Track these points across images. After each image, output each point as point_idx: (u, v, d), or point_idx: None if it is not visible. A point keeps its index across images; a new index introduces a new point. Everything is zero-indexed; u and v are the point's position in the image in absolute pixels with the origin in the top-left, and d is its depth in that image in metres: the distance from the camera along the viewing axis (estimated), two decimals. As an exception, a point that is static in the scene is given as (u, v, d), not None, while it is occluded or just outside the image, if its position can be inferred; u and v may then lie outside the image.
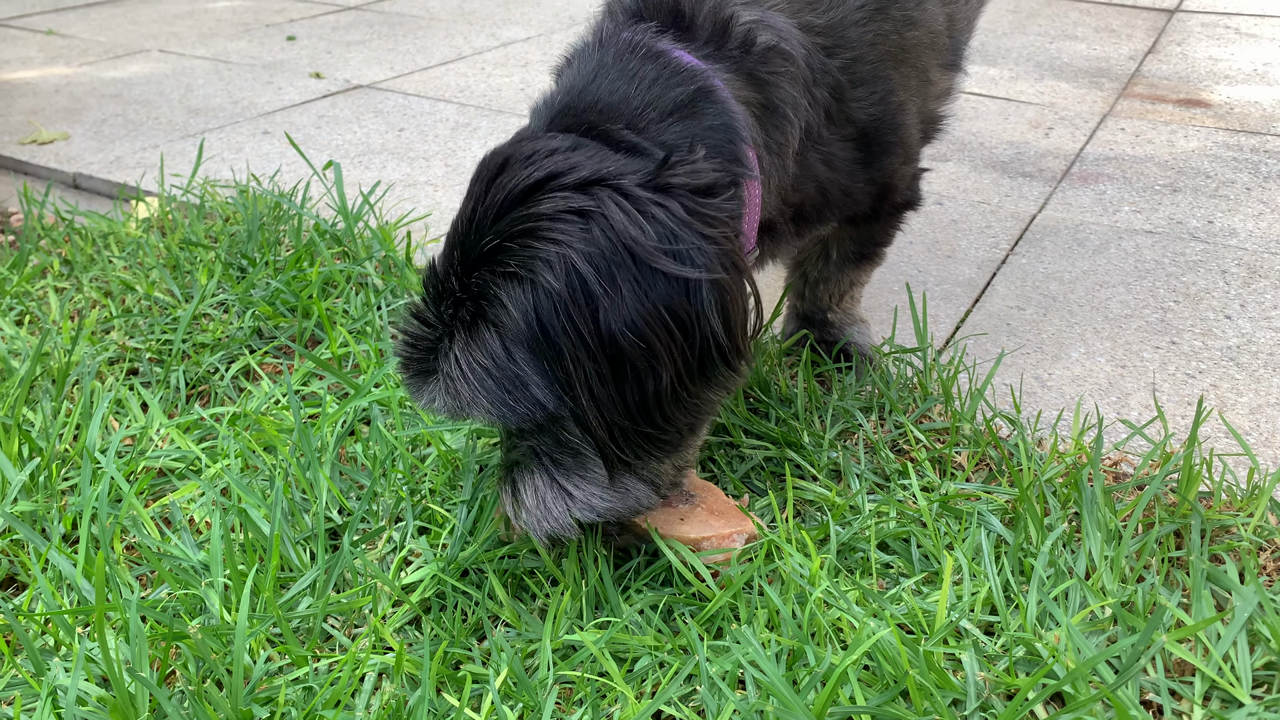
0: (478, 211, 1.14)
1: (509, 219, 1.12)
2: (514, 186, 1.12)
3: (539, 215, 1.10)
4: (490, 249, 1.12)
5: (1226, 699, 1.15)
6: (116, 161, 2.93)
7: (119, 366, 1.82)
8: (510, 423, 1.16)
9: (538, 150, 1.15)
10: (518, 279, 1.10)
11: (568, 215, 1.09)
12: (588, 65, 1.30)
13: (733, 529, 1.34)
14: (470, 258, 1.13)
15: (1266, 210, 2.54)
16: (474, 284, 1.13)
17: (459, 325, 1.14)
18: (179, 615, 1.25)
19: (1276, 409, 1.74)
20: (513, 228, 1.11)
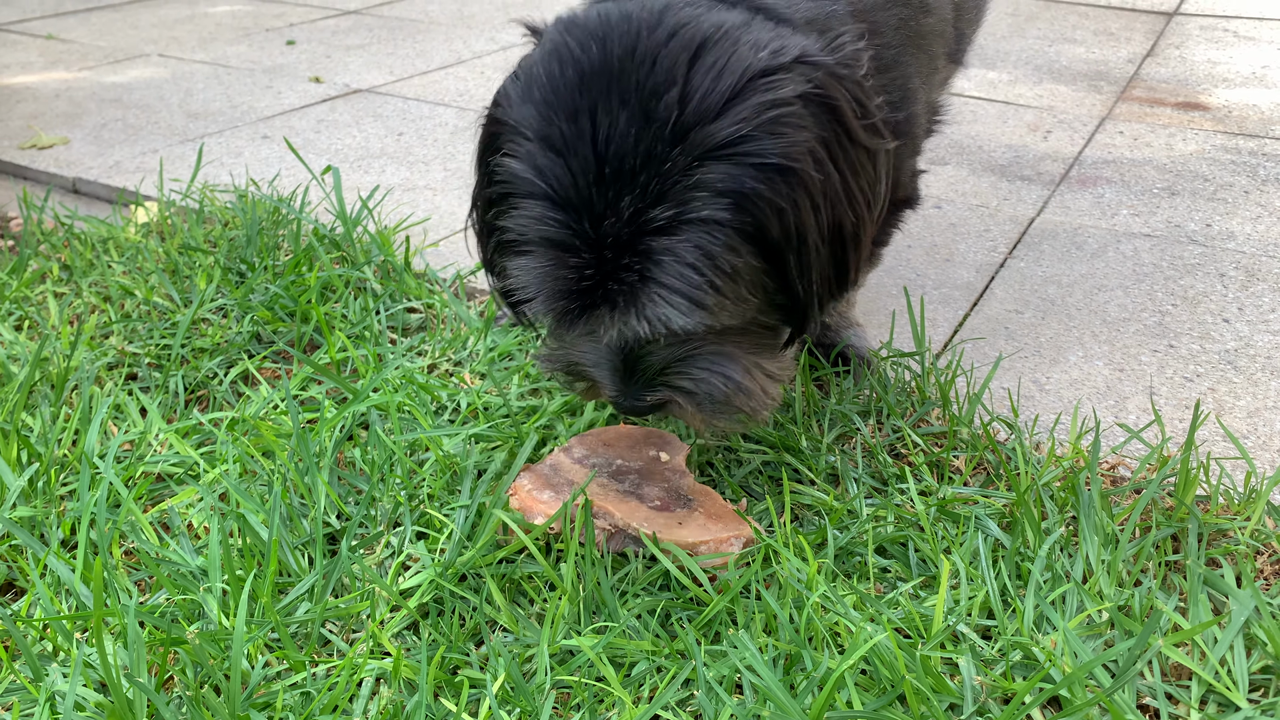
0: (693, 93, 0.99)
1: (752, 105, 1.00)
2: (743, 68, 1.00)
3: (785, 102, 1.01)
4: (736, 137, 0.99)
5: (1223, 703, 1.15)
6: (116, 166, 2.94)
7: (118, 371, 1.83)
8: (720, 322, 1.09)
9: (729, 24, 1.03)
10: (778, 171, 1.01)
11: (803, 99, 1.03)
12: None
13: (730, 533, 1.34)
14: (699, 145, 0.99)
15: (1265, 213, 2.54)
16: (705, 177, 1.00)
17: (662, 230, 1.01)
18: (177, 620, 1.25)
19: (1274, 412, 1.75)
20: (760, 116, 1.00)
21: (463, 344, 1.90)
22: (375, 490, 1.47)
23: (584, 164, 1.00)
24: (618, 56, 1.00)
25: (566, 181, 1.01)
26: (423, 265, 2.23)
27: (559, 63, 1.03)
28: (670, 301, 1.04)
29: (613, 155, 0.99)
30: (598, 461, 1.49)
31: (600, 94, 1.00)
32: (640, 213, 1.01)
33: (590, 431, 1.57)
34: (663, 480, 1.46)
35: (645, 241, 1.02)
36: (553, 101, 1.02)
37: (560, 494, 1.40)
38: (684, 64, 1.00)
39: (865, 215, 1.13)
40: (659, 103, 0.99)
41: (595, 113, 1.00)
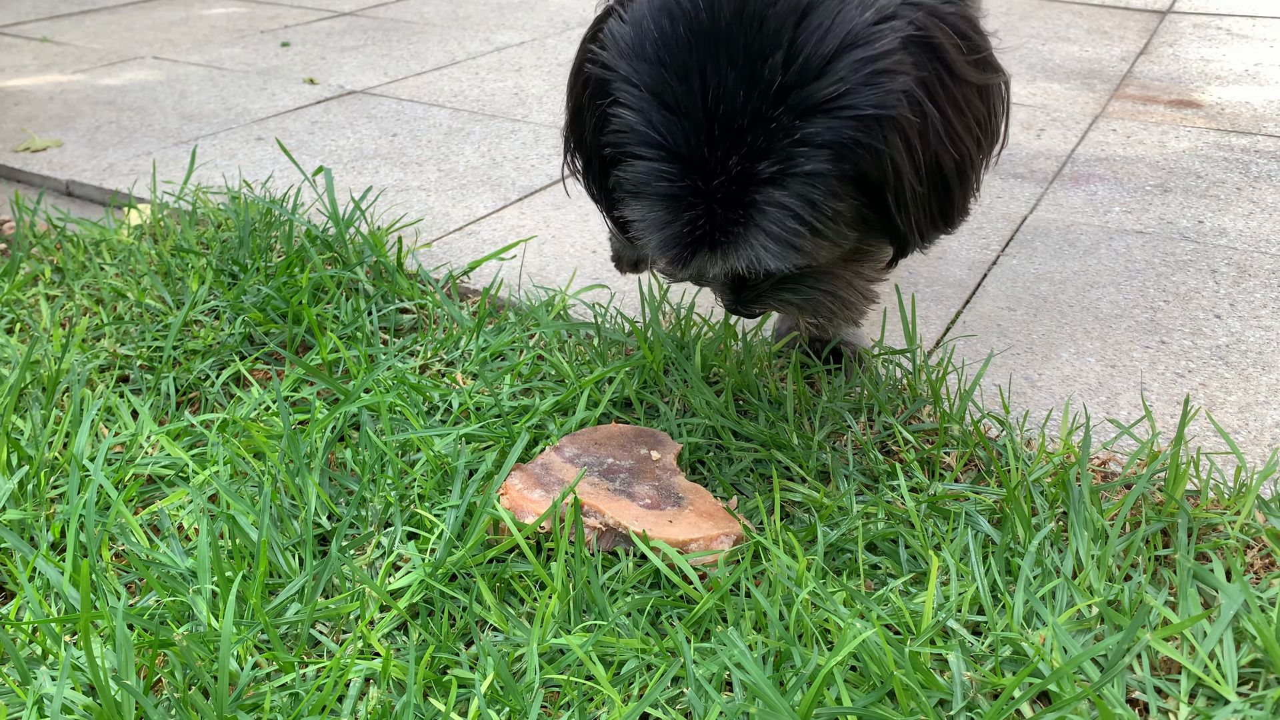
0: (798, 55, 1.04)
1: (851, 62, 1.05)
2: (846, 29, 1.05)
3: (884, 54, 1.06)
4: (836, 95, 1.05)
5: (1212, 696, 1.15)
6: (109, 169, 2.94)
7: (109, 374, 1.83)
8: (819, 259, 1.19)
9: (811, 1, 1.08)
10: (875, 120, 1.06)
11: (903, 45, 1.07)
12: None
13: (720, 530, 1.34)
14: (803, 105, 1.05)
15: (1256, 210, 2.55)
16: (809, 133, 1.06)
17: (767, 183, 1.09)
18: (166, 623, 1.25)
19: (1265, 407, 1.75)
20: (859, 71, 1.05)
21: (455, 344, 1.90)
22: (366, 491, 1.47)
23: (696, 123, 1.07)
24: (727, 17, 1.05)
25: (680, 139, 1.08)
26: (415, 266, 2.23)
27: (669, 19, 1.08)
28: (768, 247, 1.12)
29: (723, 115, 1.05)
30: (589, 460, 1.49)
31: (710, 54, 1.05)
32: (748, 169, 1.07)
33: (582, 430, 1.57)
34: (654, 478, 1.46)
35: (751, 194, 1.09)
36: (665, 59, 1.08)
37: (551, 493, 1.40)
38: (790, 26, 1.04)
39: (970, 151, 1.17)
40: (764, 65, 1.04)
41: (705, 72, 1.05)
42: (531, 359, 1.82)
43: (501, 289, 2.12)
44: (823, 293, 1.29)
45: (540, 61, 4.04)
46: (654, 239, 1.16)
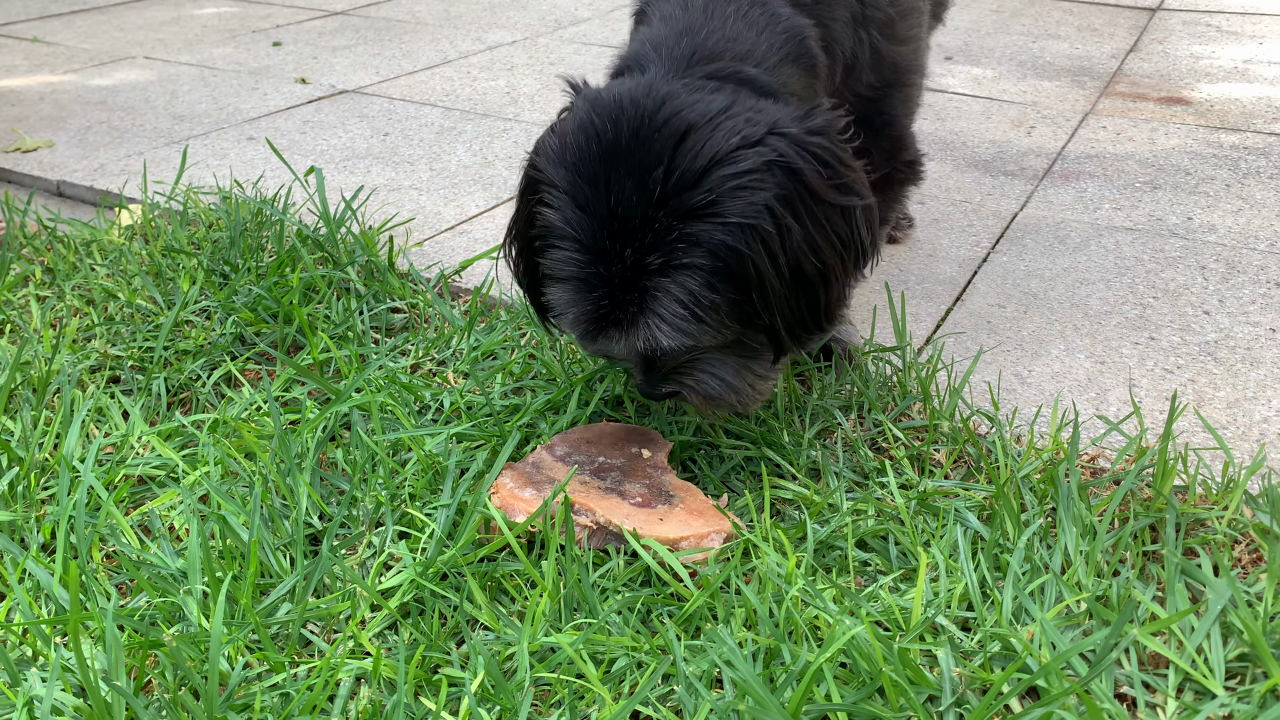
0: (675, 170, 1.25)
1: (718, 177, 1.25)
2: (714, 150, 1.26)
3: (746, 172, 1.26)
4: (705, 202, 1.25)
5: (1200, 691, 1.16)
6: (100, 169, 2.93)
7: (100, 374, 1.82)
8: (703, 343, 1.35)
9: (713, 110, 1.29)
10: (738, 227, 1.26)
11: (766, 167, 1.27)
12: (694, 8, 1.47)
13: (710, 528, 1.34)
14: (680, 209, 1.25)
15: (1245, 206, 2.56)
16: (685, 233, 1.26)
17: (655, 272, 1.27)
18: (157, 623, 1.25)
19: (1253, 403, 1.76)
20: (724, 185, 1.25)
21: (446, 343, 1.90)
22: (357, 490, 1.47)
23: (601, 220, 1.28)
24: (626, 138, 1.28)
25: (588, 232, 1.29)
26: (407, 265, 2.23)
27: (585, 137, 1.31)
28: (659, 328, 1.30)
29: (621, 214, 1.27)
30: (580, 459, 1.49)
31: (613, 166, 1.28)
32: (641, 260, 1.27)
33: (574, 429, 1.57)
34: (644, 477, 1.46)
35: (643, 281, 1.28)
36: (580, 168, 1.30)
37: (542, 491, 1.40)
38: (670, 147, 1.26)
39: (832, 262, 1.34)
40: (650, 176, 1.26)
41: (609, 180, 1.28)
42: (523, 358, 1.82)
43: (493, 288, 2.12)
44: (715, 378, 1.41)
45: (532, 60, 4.04)
46: (568, 316, 1.35)
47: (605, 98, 1.34)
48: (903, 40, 1.69)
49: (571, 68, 3.92)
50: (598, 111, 1.32)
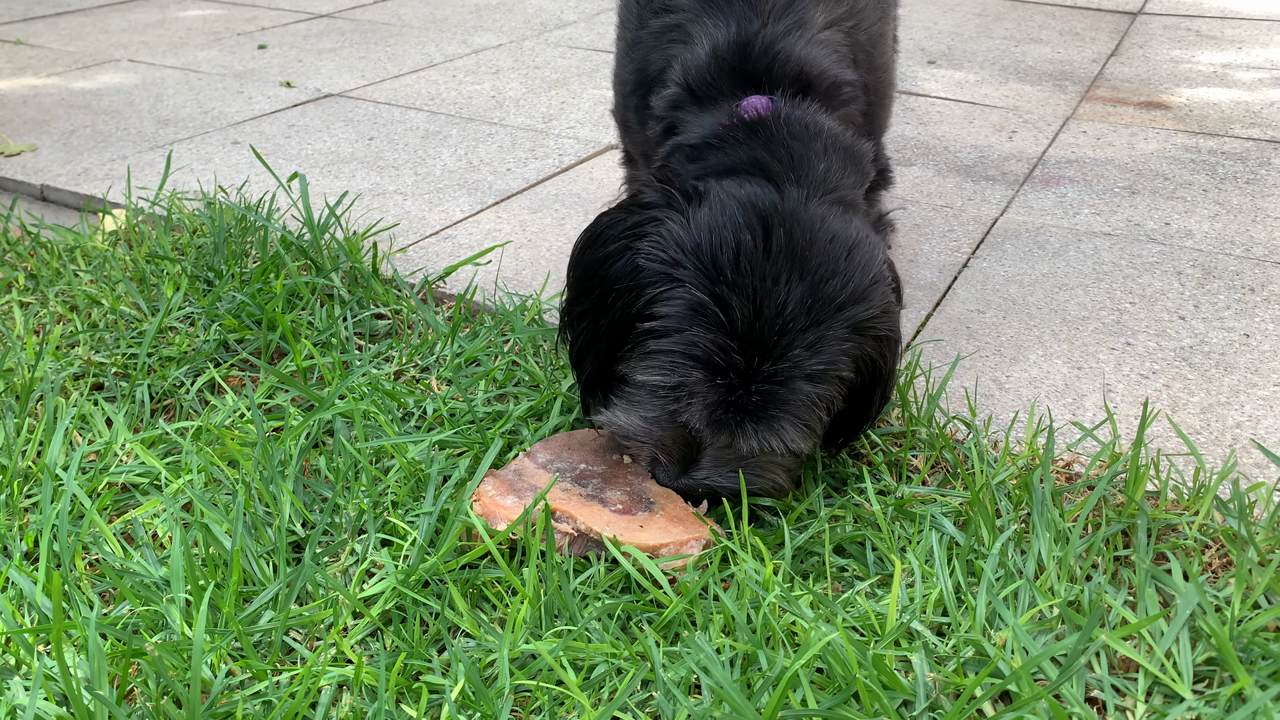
0: (849, 281, 1.34)
1: (879, 293, 1.37)
2: (875, 271, 1.37)
3: (887, 293, 1.39)
4: (869, 318, 1.35)
5: (1169, 694, 1.18)
6: (84, 173, 2.93)
7: (84, 381, 1.83)
8: (804, 448, 1.38)
9: (858, 232, 1.39)
10: (887, 341, 1.39)
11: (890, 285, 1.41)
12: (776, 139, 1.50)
13: (690, 535, 1.36)
14: (846, 318, 1.33)
15: (1222, 211, 2.59)
16: (842, 343, 1.33)
17: (796, 376, 1.32)
18: (139, 632, 1.26)
19: (1227, 408, 1.78)
20: (883, 300, 1.37)
21: (430, 350, 1.91)
22: (340, 498, 1.48)
23: (745, 310, 1.30)
24: (799, 242, 1.33)
25: (729, 319, 1.31)
26: (391, 271, 2.24)
27: (748, 230, 1.33)
28: (784, 429, 1.33)
29: (770, 314, 1.30)
30: (562, 466, 1.50)
31: (773, 265, 1.32)
32: (783, 356, 1.31)
33: (555, 436, 1.59)
34: (625, 484, 1.48)
35: (777, 382, 1.31)
36: (724, 267, 1.32)
37: (523, 499, 1.41)
38: (843, 260, 1.34)
39: (894, 362, 1.47)
40: (827, 285, 1.31)
41: (765, 279, 1.31)
42: (506, 364, 1.84)
43: (477, 294, 2.13)
44: (766, 479, 1.43)
45: (518, 64, 4.05)
46: (689, 400, 1.34)
47: (759, 197, 1.38)
48: (881, 69, 1.75)
49: (558, 72, 3.94)
50: (758, 210, 1.35)
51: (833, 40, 1.62)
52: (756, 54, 1.56)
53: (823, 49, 1.59)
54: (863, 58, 1.68)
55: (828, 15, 1.62)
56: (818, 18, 1.60)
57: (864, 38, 1.68)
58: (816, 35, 1.60)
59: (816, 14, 1.60)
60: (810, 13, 1.60)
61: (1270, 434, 1.71)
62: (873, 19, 1.72)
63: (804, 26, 1.59)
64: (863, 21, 1.68)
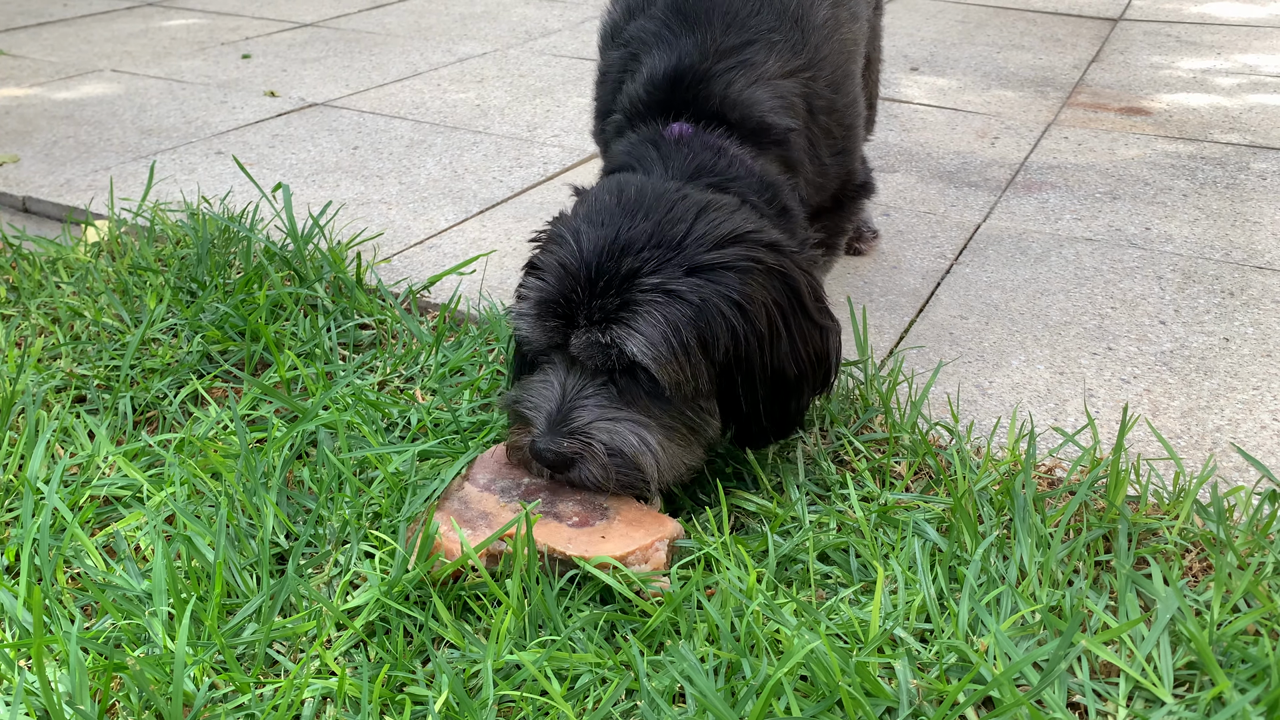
0: (695, 231, 1.39)
1: (733, 252, 1.38)
2: (734, 228, 1.41)
3: (755, 263, 1.39)
4: (717, 264, 1.37)
5: (1150, 699, 1.19)
6: (67, 184, 2.92)
7: (66, 394, 1.82)
8: (661, 381, 1.36)
9: (729, 202, 1.47)
10: (737, 305, 1.37)
11: (769, 271, 1.41)
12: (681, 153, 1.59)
13: (653, 537, 1.35)
14: (690, 261, 1.37)
15: (1202, 216, 2.61)
16: (691, 280, 1.36)
17: (647, 291, 1.35)
18: (122, 646, 1.26)
19: (1207, 412, 1.79)
20: (738, 260, 1.38)
21: (414, 360, 1.91)
22: (323, 509, 1.48)
23: (602, 237, 1.38)
24: (650, 198, 1.42)
25: (588, 240, 1.39)
26: (375, 281, 2.24)
27: (608, 194, 1.45)
28: (632, 333, 1.34)
29: (626, 240, 1.37)
30: (505, 484, 1.48)
31: (630, 214, 1.40)
32: (634, 271, 1.36)
33: (491, 450, 1.55)
34: (573, 492, 1.45)
35: (630, 293, 1.35)
36: (594, 216, 1.42)
37: (479, 532, 1.37)
38: (692, 214, 1.40)
39: (808, 374, 1.47)
40: (669, 227, 1.38)
41: (624, 221, 1.40)
42: (490, 374, 1.84)
43: (461, 303, 2.13)
44: (639, 437, 1.39)
45: (503, 72, 4.05)
46: (534, 295, 1.42)
47: (626, 178, 1.48)
48: (844, 107, 1.78)
49: (542, 80, 3.94)
50: (623, 184, 1.46)
51: (783, 87, 1.66)
52: (687, 85, 1.64)
53: (765, 92, 1.64)
54: (821, 104, 1.72)
55: (783, 64, 1.67)
56: (771, 65, 1.65)
57: (823, 85, 1.72)
58: (765, 80, 1.65)
59: (770, 61, 1.66)
60: (760, 57, 1.65)
61: (1249, 437, 1.72)
62: (836, 64, 1.76)
63: (749, 68, 1.64)
64: (823, 70, 1.72)
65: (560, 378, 1.43)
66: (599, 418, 1.40)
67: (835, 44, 1.76)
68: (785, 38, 1.68)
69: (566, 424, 1.40)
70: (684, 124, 1.62)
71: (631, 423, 1.40)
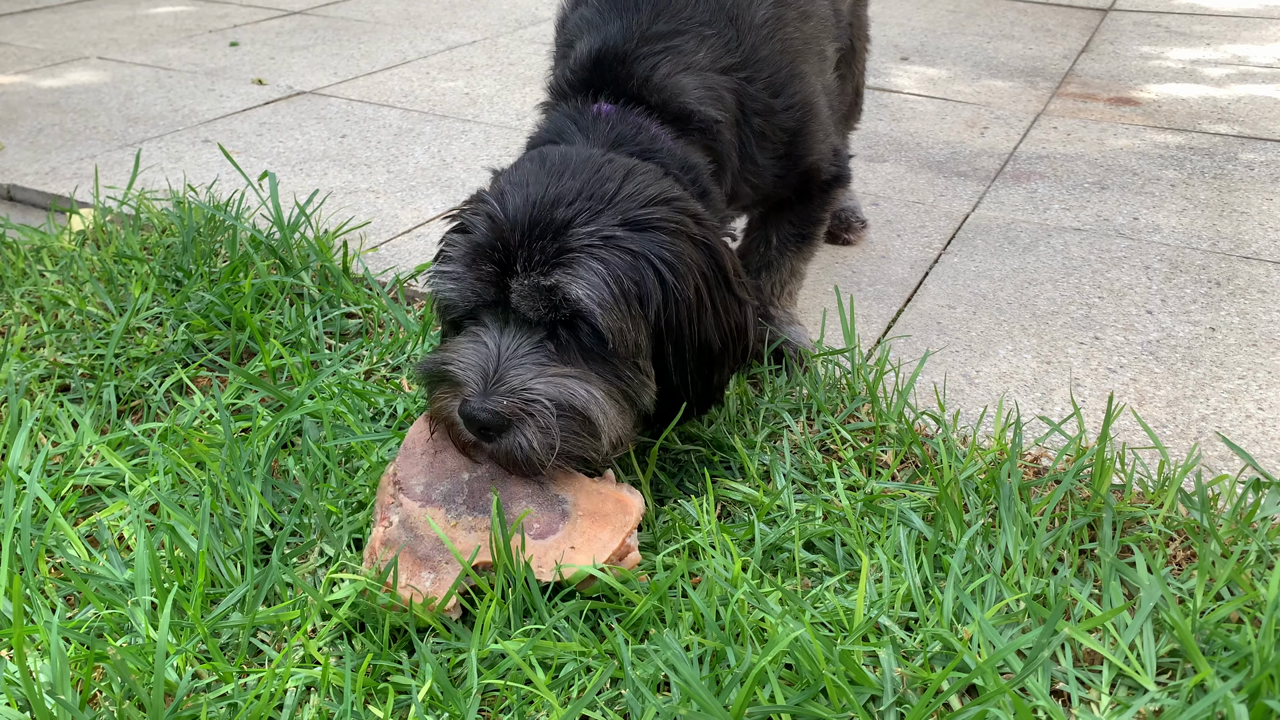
0: (624, 190, 1.38)
1: (663, 212, 1.38)
2: (660, 191, 1.41)
3: (681, 227, 1.39)
4: (651, 220, 1.36)
5: (1133, 686, 1.19)
6: (52, 172, 2.90)
7: (49, 383, 1.81)
8: (603, 324, 1.32)
9: (651, 168, 1.47)
10: (668, 265, 1.35)
11: (693, 242, 1.40)
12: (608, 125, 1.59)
13: (622, 534, 1.31)
14: (625, 216, 1.35)
15: (1189, 206, 2.61)
16: (629, 232, 1.35)
17: (588, 238, 1.33)
18: (104, 635, 1.25)
19: (1192, 401, 1.80)
20: (669, 220, 1.38)
21: (400, 349, 1.90)
22: (308, 499, 1.47)
23: (532, 194, 1.36)
24: (575, 162, 1.41)
25: (518, 197, 1.37)
26: (362, 270, 2.23)
27: (531, 162, 1.44)
28: (576, 277, 1.31)
29: (556, 196, 1.36)
30: (445, 489, 1.37)
31: (557, 175, 1.39)
32: (570, 221, 1.34)
33: (410, 439, 1.42)
34: (522, 484, 1.36)
35: (569, 241, 1.33)
36: (519, 179, 1.41)
37: (437, 568, 1.29)
38: (620, 176, 1.40)
39: (731, 348, 1.46)
40: (602, 186, 1.37)
41: (550, 181, 1.38)
42: (477, 363, 1.83)
43: (448, 292, 2.12)
44: (585, 392, 1.34)
45: (492, 61, 4.04)
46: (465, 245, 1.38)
47: (548, 149, 1.47)
48: (799, 105, 1.75)
49: (531, 68, 3.92)
50: (545, 152, 1.45)
51: (712, 80, 1.65)
52: (608, 65, 1.64)
53: (691, 80, 1.63)
54: (755, 107, 1.70)
55: (714, 59, 1.66)
56: (700, 56, 1.65)
57: (760, 88, 1.70)
58: (694, 70, 1.64)
59: (701, 53, 1.65)
60: (689, 47, 1.65)
61: (1234, 426, 1.73)
62: (778, 65, 1.72)
63: (677, 55, 1.64)
64: (760, 72, 1.70)
65: (494, 338, 1.36)
66: (539, 375, 1.33)
67: (777, 44, 1.73)
68: (719, 33, 1.68)
69: (503, 383, 1.32)
70: (605, 104, 1.62)
71: (576, 379, 1.34)
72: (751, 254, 1.93)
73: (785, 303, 1.95)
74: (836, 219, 2.39)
